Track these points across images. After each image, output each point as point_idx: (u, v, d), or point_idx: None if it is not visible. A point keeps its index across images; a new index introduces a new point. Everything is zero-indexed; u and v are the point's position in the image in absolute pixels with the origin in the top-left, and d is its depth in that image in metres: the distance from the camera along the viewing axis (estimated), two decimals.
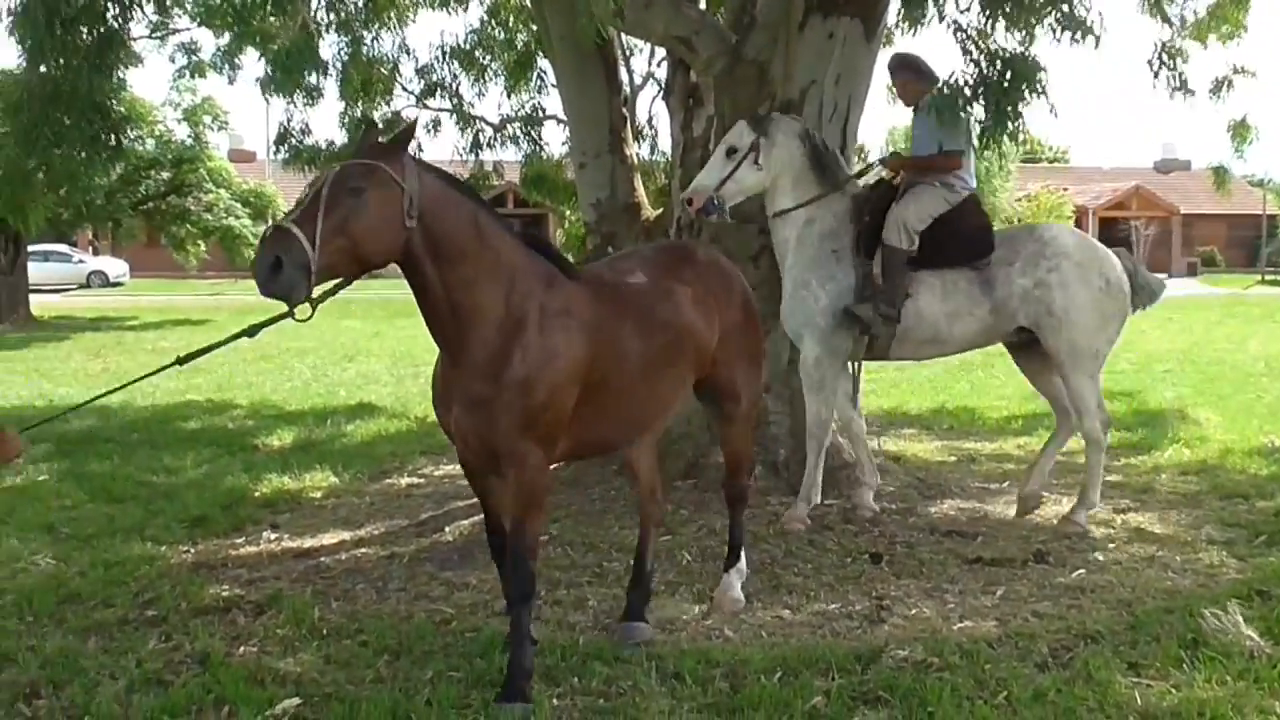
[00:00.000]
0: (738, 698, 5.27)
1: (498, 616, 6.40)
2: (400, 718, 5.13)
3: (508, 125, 15.41)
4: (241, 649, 6.02)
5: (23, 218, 23.97)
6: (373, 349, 23.52)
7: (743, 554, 6.71)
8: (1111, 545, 7.85)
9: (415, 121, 6.68)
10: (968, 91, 6.90)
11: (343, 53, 14.10)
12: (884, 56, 8.92)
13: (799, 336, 8.37)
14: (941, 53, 8.17)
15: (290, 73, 11.60)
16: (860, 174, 8.76)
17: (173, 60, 15.71)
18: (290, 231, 4.70)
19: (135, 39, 11.89)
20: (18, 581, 7.26)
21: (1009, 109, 6.71)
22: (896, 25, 10.71)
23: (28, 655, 5.94)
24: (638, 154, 11.59)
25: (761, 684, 5.39)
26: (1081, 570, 7.27)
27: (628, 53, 12.84)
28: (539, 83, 14.69)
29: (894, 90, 8.90)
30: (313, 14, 11.34)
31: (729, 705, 5.21)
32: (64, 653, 5.99)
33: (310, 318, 4.92)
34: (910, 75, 8.36)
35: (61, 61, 10.01)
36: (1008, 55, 6.83)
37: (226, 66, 13.28)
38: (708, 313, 6.03)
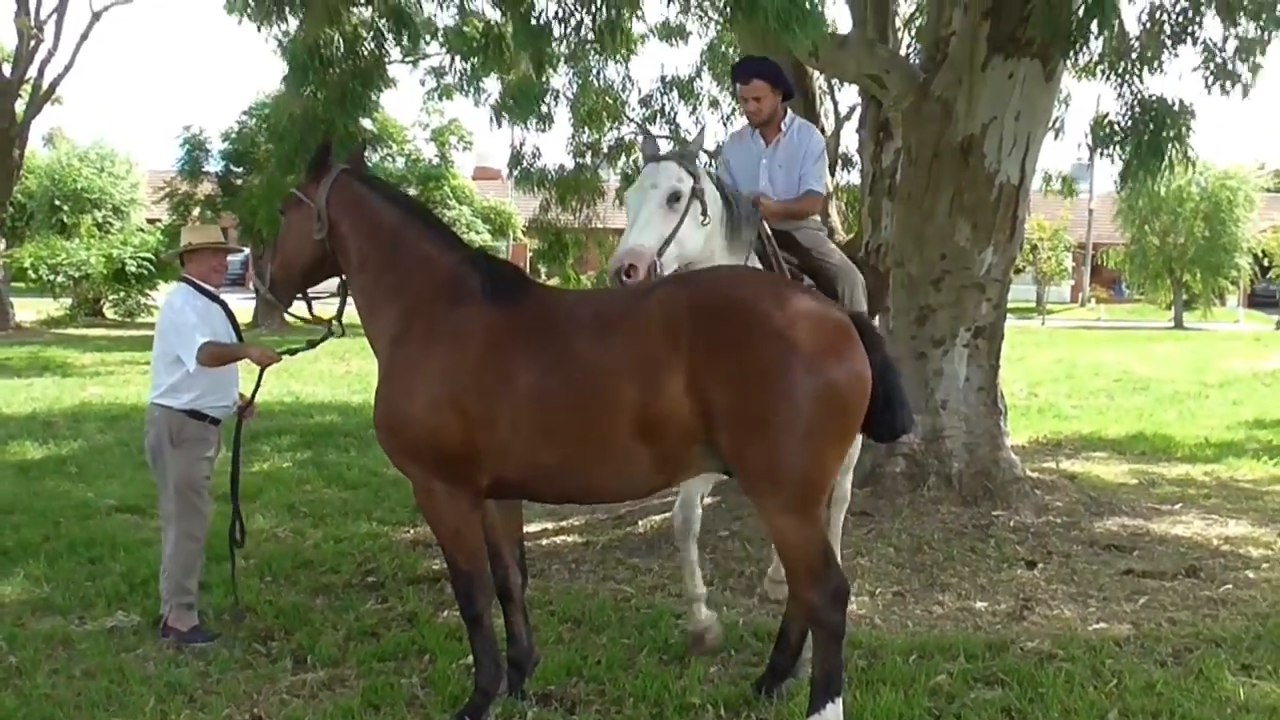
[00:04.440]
0: (870, 672, 5.94)
1: (673, 597, 7.24)
2: (573, 672, 5.99)
3: (722, 151, 16.25)
4: (445, 613, 6.99)
5: (276, 232, 26.02)
6: None
7: (838, 701, 4.97)
8: (1265, 565, 8.14)
9: (329, 141, 6.67)
10: (1118, 133, 7.36)
11: (573, 83, 15.12)
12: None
13: None
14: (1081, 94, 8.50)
15: (522, 103, 12.72)
16: None
17: (422, 84, 16.94)
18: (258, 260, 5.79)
19: (389, 62, 13.15)
20: (262, 549, 8.45)
21: (1152, 151, 7.16)
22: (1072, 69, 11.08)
23: (266, 607, 7.09)
24: (836, 182, 12.22)
25: (895, 663, 6.04)
26: (1229, 585, 7.62)
27: (834, 86, 13.51)
28: None
29: (736, 101, 7.26)
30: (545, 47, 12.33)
31: (862, 679, 5.87)
32: (295, 607, 7.11)
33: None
34: (767, 85, 6.82)
35: (320, 95, 11.31)
36: (1157, 100, 7.27)
37: (471, 90, 14.37)
38: (669, 362, 4.81)
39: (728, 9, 7.47)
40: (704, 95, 15.71)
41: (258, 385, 6.64)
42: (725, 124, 16.22)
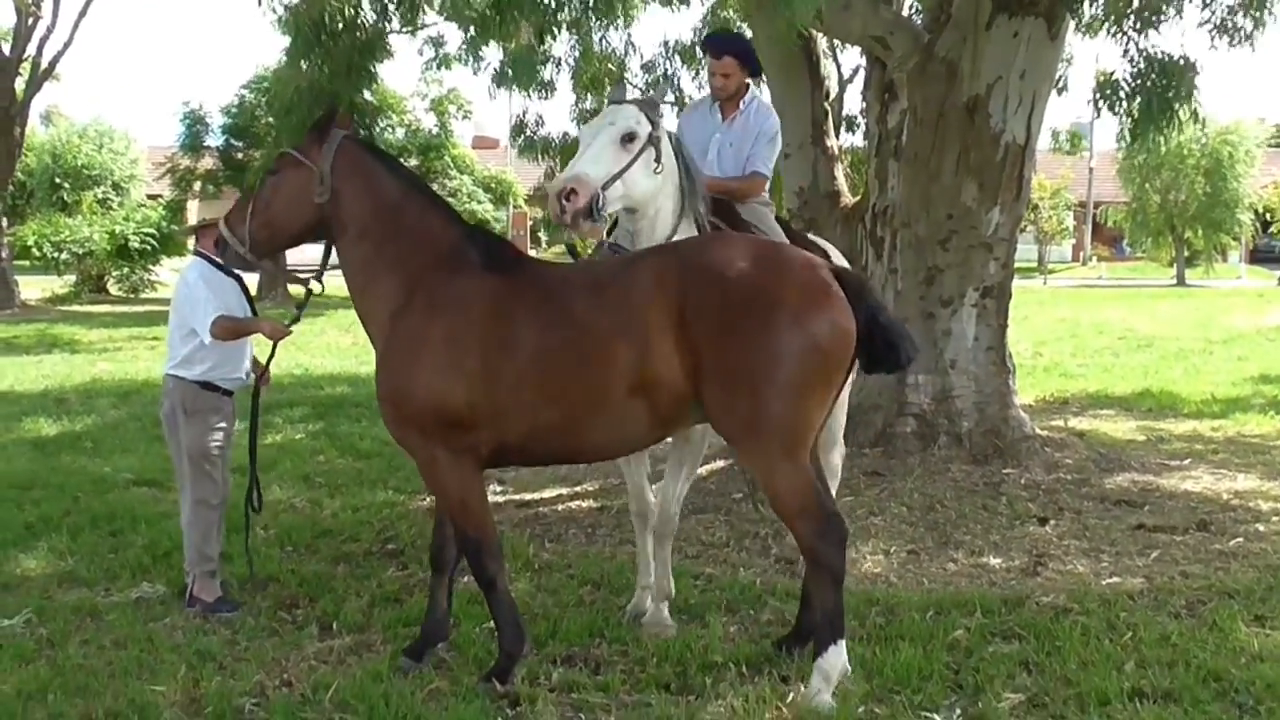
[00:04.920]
0: (888, 629, 6.02)
1: (690, 558, 7.34)
2: (595, 633, 6.07)
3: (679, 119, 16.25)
4: (466, 578, 7.01)
5: None
6: None
7: (840, 643, 5.11)
8: (1275, 518, 8.22)
9: (336, 107, 6.49)
10: (1125, 90, 7.41)
11: (574, 49, 15.08)
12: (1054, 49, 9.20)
13: None
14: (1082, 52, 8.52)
15: (523, 71, 12.71)
16: None
17: (420, 53, 16.81)
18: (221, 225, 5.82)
19: (389, 32, 13.14)
20: (280, 520, 8.53)
21: (1161, 108, 7.20)
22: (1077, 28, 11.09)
23: (288, 575, 7.17)
24: (841, 144, 12.24)
25: (913, 619, 6.12)
26: (1240, 539, 7.70)
27: (836, 48, 13.50)
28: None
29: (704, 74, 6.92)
30: (549, 16, 12.32)
31: (881, 635, 5.95)
32: (317, 575, 7.20)
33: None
34: (737, 62, 6.71)
35: (324, 67, 11.33)
36: (1162, 57, 7.31)
37: (470, 59, 14.32)
38: (658, 317, 5.02)
39: None
40: (705, 60, 15.67)
41: (271, 355, 6.69)
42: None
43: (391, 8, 12.23)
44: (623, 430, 5.24)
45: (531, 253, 6.65)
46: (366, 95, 12.60)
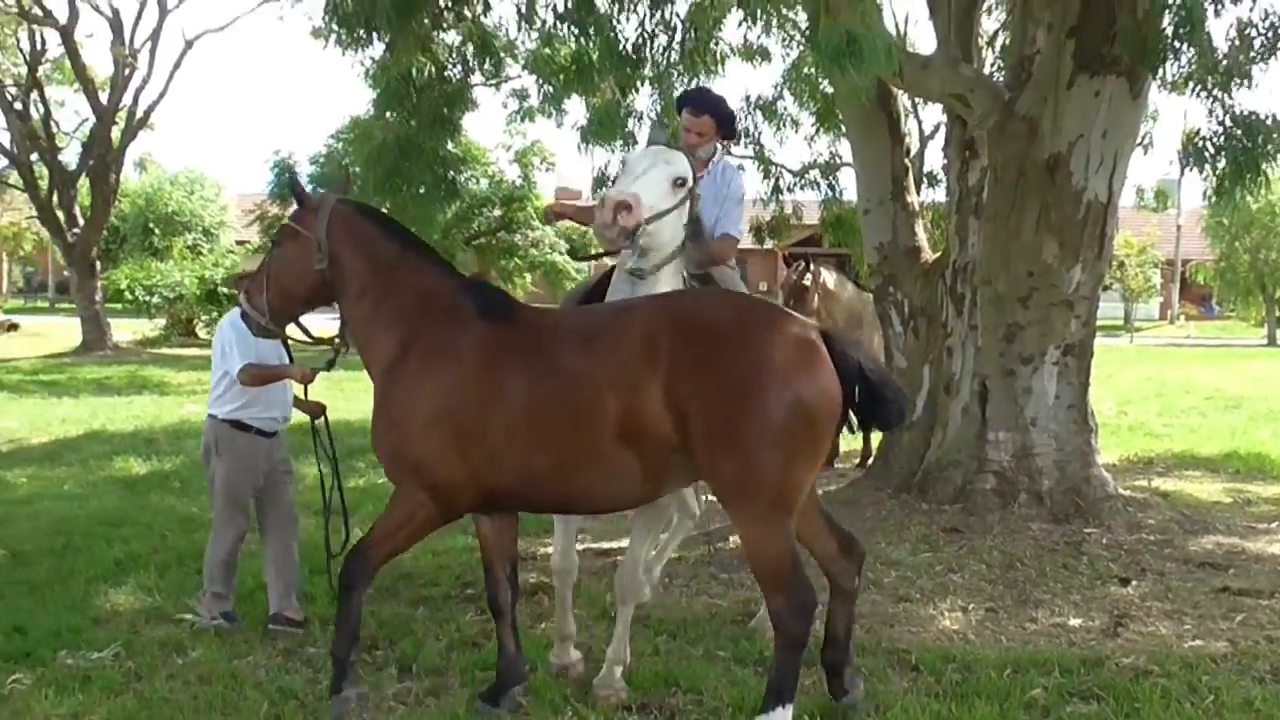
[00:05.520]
0: (964, 686, 6.00)
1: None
2: (671, 682, 6.10)
3: (808, 171, 16.36)
4: (544, 624, 7.14)
5: None
6: None
7: (788, 707, 5.22)
8: None
9: (294, 175, 6.86)
10: (1210, 148, 7.38)
11: (656, 103, 15.25)
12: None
13: None
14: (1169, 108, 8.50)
15: (605, 127, 12.89)
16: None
17: (505, 106, 17.14)
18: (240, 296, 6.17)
19: (474, 85, 13.40)
20: None
21: (1248, 166, 7.16)
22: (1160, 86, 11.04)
23: (369, 617, 7.21)
24: (922, 200, 12.25)
25: (990, 677, 6.09)
26: None
27: (918, 104, 13.56)
28: (837, 131, 15.50)
29: (679, 129, 6.89)
30: (631, 71, 12.51)
31: (957, 692, 5.93)
32: (398, 618, 7.34)
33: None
34: (714, 123, 6.66)
35: (410, 119, 11.60)
36: (1249, 116, 7.28)
37: (553, 112, 14.57)
38: (646, 370, 5.07)
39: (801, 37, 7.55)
40: (786, 115, 15.80)
41: (304, 396, 7.07)
42: (809, 143, 16.28)
43: (475, 62, 12.49)
44: (614, 482, 5.30)
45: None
46: (450, 146, 12.82)
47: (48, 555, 8.86)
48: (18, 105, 32.24)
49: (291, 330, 6.26)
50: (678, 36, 12.61)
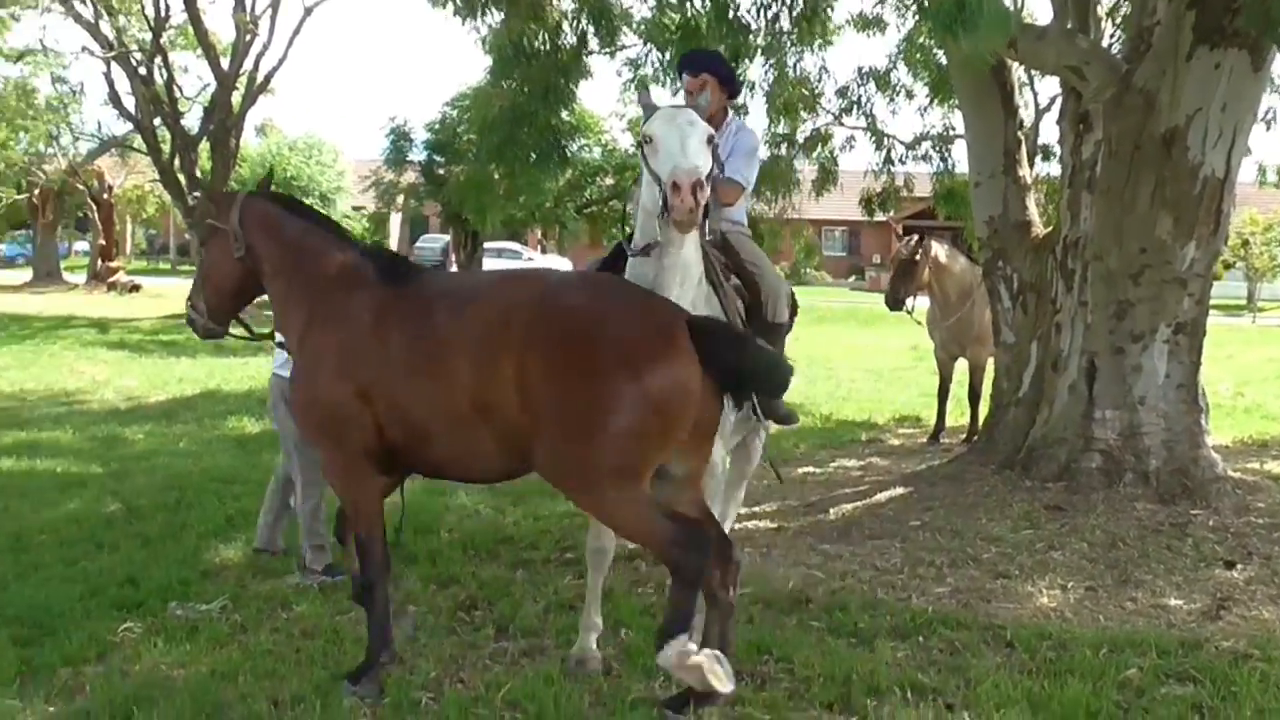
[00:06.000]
0: (1058, 664, 5.97)
1: (863, 583, 7.39)
2: (763, 650, 6.16)
3: (920, 143, 16.21)
4: (639, 589, 7.25)
5: (482, 219, 27.13)
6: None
7: (683, 635, 5.00)
8: None
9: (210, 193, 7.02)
10: None
11: (769, 73, 15.17)
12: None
13: None
14: None
15: None
16: None
17: (619, 74, 17.13)
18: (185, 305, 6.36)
19: (588, 53, 13.43)
20: (464, 526, 8.92)
21: None
22: None
23: (469, 578, 7.47)
24: (1036, 174, 12.08)
25: (1085, 655, 6.05)
26: None
27: (1034, 76, 13.34)
28: (950, 103, 15.33)
29: (681, 90, 6.72)
30: (743, 39, 12.44)
31: (1050, 669, 5.90)
32: (496, 579, 7.50)
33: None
34: (715, 81, 6.52)
35: (524, 87, 11.67)
36: None
37: (668, 80, 14.54)
38: (504, 340, 5.11)
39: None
40: (900, 86, 15.67)
41: None
42: (922, 115, 16.15)
43: (590, 30, 12.52)
44: (473, 451, 5.36)
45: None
46: (564, 115, 12.87)
47: (161, 510, 9.20)
48: (142, 70, 33.12)
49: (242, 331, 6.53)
50: (793, 5, 12.50)
